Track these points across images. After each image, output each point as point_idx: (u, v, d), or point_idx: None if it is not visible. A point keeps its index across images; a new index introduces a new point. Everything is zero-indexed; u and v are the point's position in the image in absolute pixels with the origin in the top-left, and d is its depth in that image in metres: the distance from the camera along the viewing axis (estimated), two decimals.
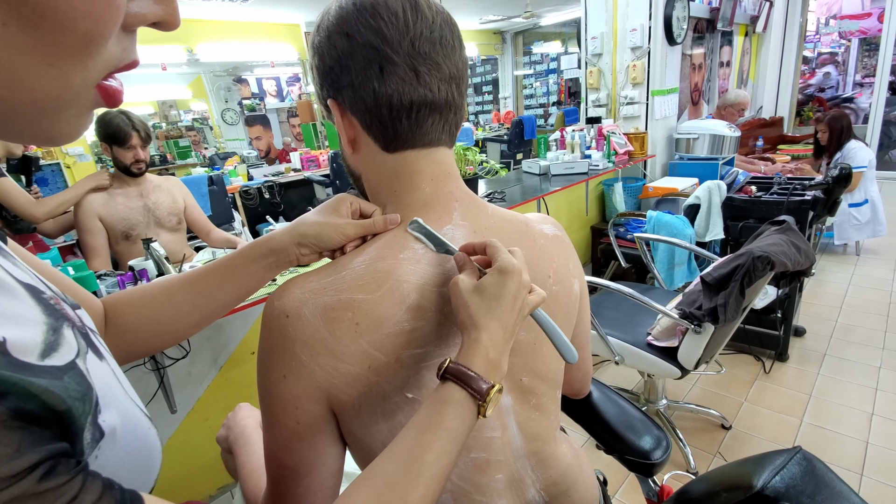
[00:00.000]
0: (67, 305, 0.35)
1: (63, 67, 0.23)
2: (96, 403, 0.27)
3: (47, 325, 0.28)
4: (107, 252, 1.85)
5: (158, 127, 6.41)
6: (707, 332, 1.39)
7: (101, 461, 0.27)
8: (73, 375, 0.26)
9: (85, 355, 0.30)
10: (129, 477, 0.29)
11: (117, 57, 0.26)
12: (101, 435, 0.27)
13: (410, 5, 0.48)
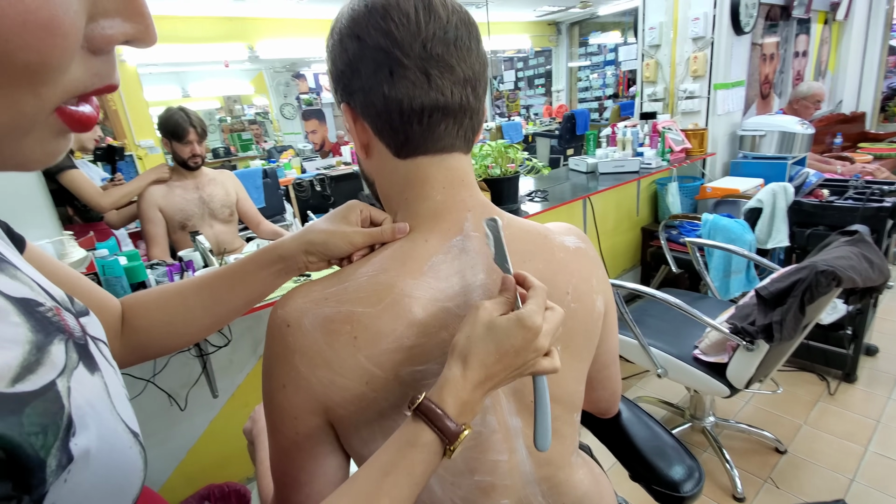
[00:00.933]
0: (71, 315, 0.36)
1: (10, 96, 0.22)
2: (68, 426, 0.27)
3: (31, 343, 0.28)
4: (165, 241, 1.96)
5: (224, 121, 6.78)
6: (760, 349, 1.28)
7: (71, 484, 0.27)
8: (39, 403, 0.26)
9: (72, 371, 0.30)
10: (101, 498, 0.29)
11: (84, 81, 0.25)
12: (69, 460, 0.27)
13: (423, 5, 0.46)
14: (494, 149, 1.80)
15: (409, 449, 0.40)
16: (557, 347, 0.53)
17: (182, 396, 1.41)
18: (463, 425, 0.41)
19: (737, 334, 1.31)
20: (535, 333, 0.42)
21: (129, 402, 0.37)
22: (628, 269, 2.93)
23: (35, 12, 0.21)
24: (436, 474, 0.51)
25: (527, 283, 0.46)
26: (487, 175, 1.81)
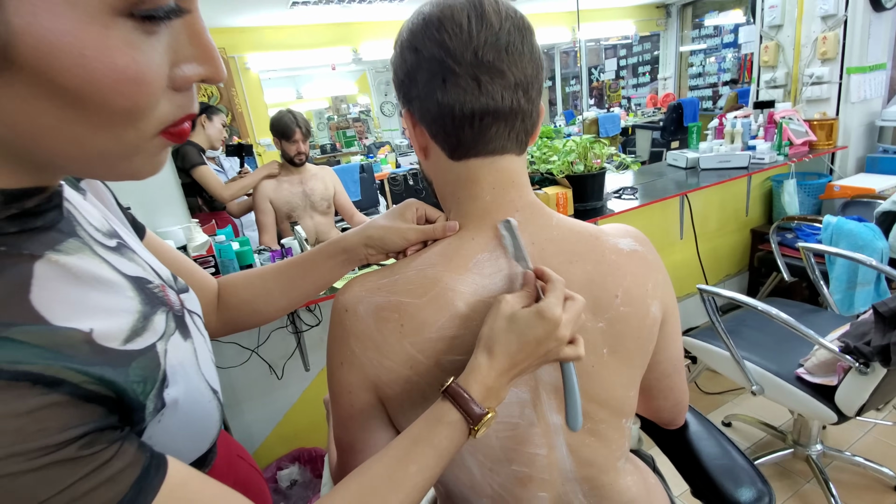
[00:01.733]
0: (173, 291, 0.45)
1: (114, 131, 0.29)
2: (163, 380, 0.35)
3: (140, 313, 0.36)
4: (274, 229, 2.21)
5: (331, 119, 7.31)
6: (876, 373, 1.12)
7: (163, 424, 0.35)
8: (143, 359, 0.34)
9: (169, 337, 0.38)
10: (185, 438, 0.37)
11: (171, 114, 0.31)
12: (162, 405, 0.35)
13: (476, 14, 0.48)
14: (579, 144, 1.75)
15: (437, 425, 0.44)
16: (596, 344, 0.53)
17: (280, 367, 1.59)
18: (487, 409, 0.44)
19: (849, 354, 1.16)
20: (555, 324, 0.44)
21: (213, 365, 0.45)
22: (732, 274, 2.67)
23: (124, 70, 0.27)
24: (475, 460, 0.55)
25: (545, 277, 0.48)
26: (570, 171, 1.77)
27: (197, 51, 0.31)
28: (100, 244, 0.38)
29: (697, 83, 7.28)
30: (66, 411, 0.27)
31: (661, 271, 0.60)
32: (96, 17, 0.25)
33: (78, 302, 0.32)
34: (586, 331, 0.53)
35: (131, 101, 0.27)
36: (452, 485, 0.57)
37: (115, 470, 0.28)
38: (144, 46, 0.27)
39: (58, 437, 0.26)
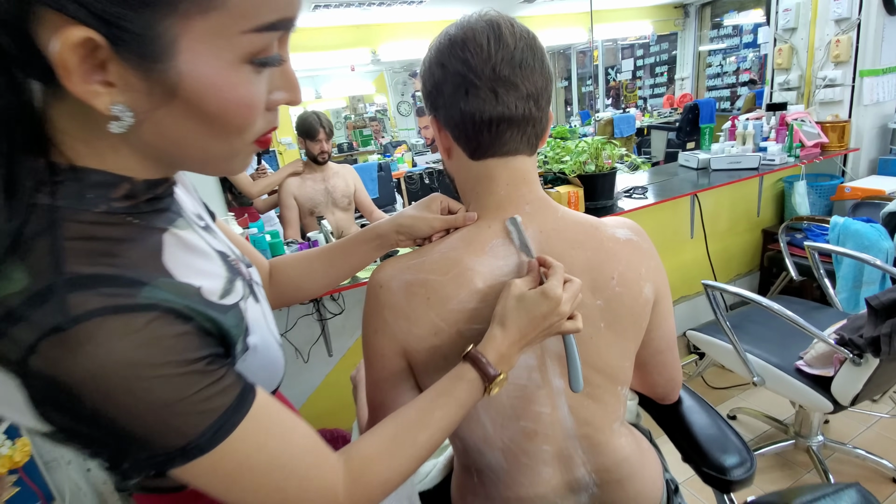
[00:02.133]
0: (243, 265, 0.55)
1: (228, 140, 0.38)
2: (246, 329, 0.45)
3: (226, 278, 0.46)
4: (298, 224, 2.33)
5: (349, 118, 7.45)
6: (869, 364, 1.18)
7: (247, 363, 0.45)
8: (234, 311, 0.44)
9: (247, 299, 0.48)
10: (261, 376, 0.47)
11: (264, 127, 0.41)
12: (246, 348, 0.45)
13: (495, 36, 0.57)
14: (590, 145, 1.83)
15: (458, 381, 0.53)
16: (596, 319, 0.62)
17: (305, 351, 1.71)
18: (500, 372, 0.53)
19: (844, 346, 1.22)
20: (556, 302, 0.53)
21: (274, 325, 0.55)
22: (743, 273, 2.72)
23: (244, 100, 0.36)
24: (489, 416, 0.64)
25: (547, 263, 0.57)
26: (582, 171, 1.85)
27: (285, 83, 0.41)
28: (196, 224, 0.48)
29: (715, 83, 7.25)
30: (197, 339, 0.37)
31: (654, 258, 0.68)
32: (231, 64, 0.35)
33: (190, 265, 0.42)
34: (586, 307, 0.62)
35: (245, 120, 0.38)
36: (469, 439, 0.66)
37: (226, 385, 0.38)
38: (256, 82, 0.37)
39: (193, 354, 0.36)
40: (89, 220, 0.36)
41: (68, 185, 0.36)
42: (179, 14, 0.32)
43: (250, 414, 0.39)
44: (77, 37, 0.30)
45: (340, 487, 0.45)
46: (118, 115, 0.33)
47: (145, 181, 0.41)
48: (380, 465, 0.48)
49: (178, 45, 0.32)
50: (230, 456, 0.38)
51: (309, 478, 0.43)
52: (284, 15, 0.36)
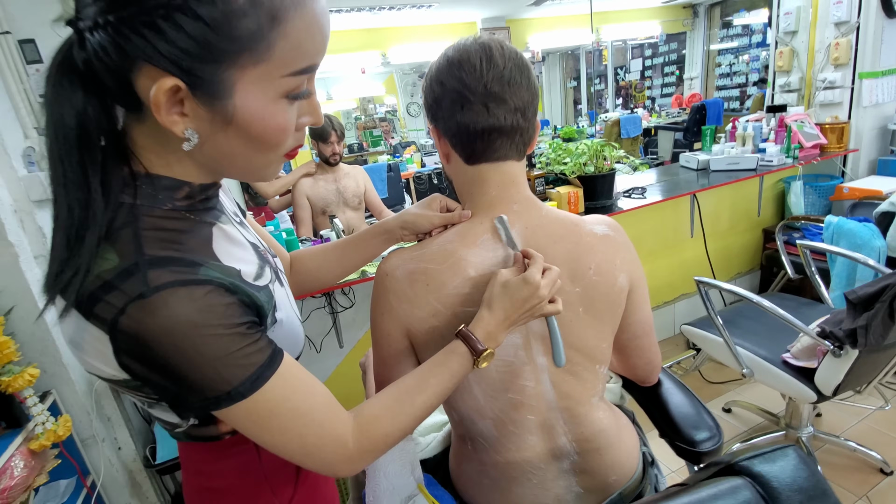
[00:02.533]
0: (270, 255, 0.64)
1: (266, 155, 0.48)
2: (274, 306, 0.55)
3: (258, 265, 0.56)
4: (310, 223, 2.43)
5: (359, 119, 7.56)
6: (849, 356, 1.25)
7: (275, 334, 0.55)
8: (265, 291, 0.53)
9: (274, 283, 0.58)
10: (286, 345, 0.57)
11: (293, 144, 0.51)
12: (274, 321, 0.55)
13: (486, 57, 0.66)
14: (590, 147, 1.91)
15: (451, 354, 0.62)
16: (576, 305, 0.71)
17: (318, 342, 1.81)
18: (487, 348, 0.62)
19: (825, 338, 1.29)
20: (536, 286, 0.61)
21: (296, 304, 0.65)
22: (744, 272, 2.77)
23: (280, 125, 0.46)
24: (480, 388, 0.73)
25: (529, 255, 0.65)
26: (582, 172, 1.93)
27: (310, 110, 0.51)
28: (234, 220, 0.58)
29: (725, 83, 7.24)
30: (240, 308, 0.47)
31: (629, 251, 0.77)
32: (273, 99, 0.45)
33: (231, 253, 0.51)
34: (565, 293, 0.70)
35: (280, 139, 0.48)
36: (463, 409, 0.75)
37: (261, 346, 0.48)
38: (290, 111, 0.47)
39: (238, 320, 0.46)
40: (159, 215, 0.47)
41: (144, 188, 0.47)
42: (238, 66, 0.42)
43: (279, 371, 0.49)
44: (168, 84, 0.40)
45: (350, 437, 0.54)
46: (189, 137, 0.44)
47: (200, 185, 0.51)
48: (383, 422, 0.57)
49: (235, 87, 0.43)
50: (262, 404, 0.47)
51: (324, 427, 0.52)
52: (313, 62, 0.46)
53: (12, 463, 1.08)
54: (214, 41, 0.40)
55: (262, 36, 0.41)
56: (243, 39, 0.41)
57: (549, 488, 0.77)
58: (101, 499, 1.40)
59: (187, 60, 0.40)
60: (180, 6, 0.38)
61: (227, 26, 0.40)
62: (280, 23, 0.42)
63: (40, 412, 1.15)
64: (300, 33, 0.43)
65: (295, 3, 0.42)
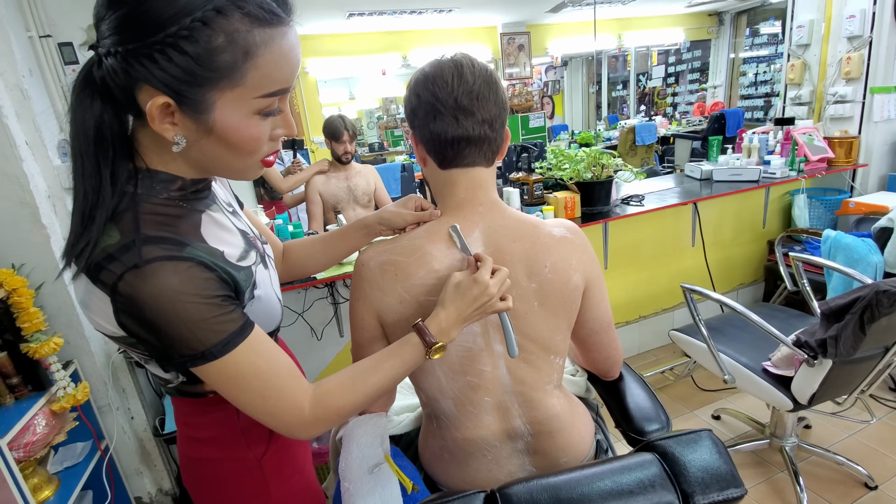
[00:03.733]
0: (259, 241, 0.74)
1: (243, 160, 0.57)
2: (254, 284, 0.64)
3: (243, 248, 0.65)
4: (321, 218, 2.54)
5: (381, 118, 7.70)
6: (823, 366, 1.28)
7: (253, 308, 0.64)
8: (246, 270, 0.62)
9: (258, 265, 0.67)
10: (263, 319, 0.66)
11: (268, 151, 0.60)
12: (253, 297, 0.64)
13: (457, 73, 0.74)
14: (589, 155, 1.96)
15: (405, 344, 0.70)
16: (523, 299, 0.78)
17: (319, 331, 1.91)
18: (439, 341, 0.69)
19: (800, 348, 1.32)
20: (484, 285, 0.69)
21: (279, 286, 0.74)
22: (747, 283, 2.77)
23: (253, 136, 0.55)
24: (442, 371, 0.80)
25: (480, 258, 0.73)
26: (580, 178, 1.98)
27: (284, 123, 0.60)
28: (226, 209, 0.68)
29: (750, 92, 7.13)
30: (218, 283, 0.56)
31: (586, 252, 0.83)
32: (246, 115, 0.54)
33: (218, 236, 0.61)
34: (522, 288, 0.78)
35: (253, 148, 0.57)
36: (428, 390, 0.83)
37: (233, 317, 0.57)
38: (262, 125, 0.56)
39: (214, 292, 0.55)
40: (156, 202, 0.57)
41: (144, 180, 0.57)
42: (217, 89, 0.51)
43: (248, 340, 0.58)
44: (160, 101, 0.50)
45: (307, 405, 0.62)
46: (178, 142, 0.53)
47: (191, 180, 0.61)
48: (336, 395, 0.65)
49: (215, 105, 0.52)
50: (231, 366, 0.56)
51: (284, 392, 0.60)
52: (282, 87, 0.55)
53: (35, 421, 1.21)
54: (198, 71, 0.49)
55: (237, 67, 0.50)
56: (221, 69, 0.50)
57: (502, 465, 0.84)
58: (113, 462, 1.52)
59: (176, 84, 0.49)
60: (171, 44, 0.47)
61: (208, 60, 0.49)
62: (252, 57, 0.51)
63: (62, 378, 1.28)
64: (269, 65, 0.52)
65: (265, 41, 0.51)
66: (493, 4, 4.76)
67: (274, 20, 0.51)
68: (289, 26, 0.54)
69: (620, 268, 2.36)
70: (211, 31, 0.48)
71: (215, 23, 0.48)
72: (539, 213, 1.95)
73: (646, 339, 2.57)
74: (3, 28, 1.29)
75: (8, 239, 1.30)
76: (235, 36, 0.49)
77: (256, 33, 0.50)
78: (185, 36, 0.47)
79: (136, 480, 1.64)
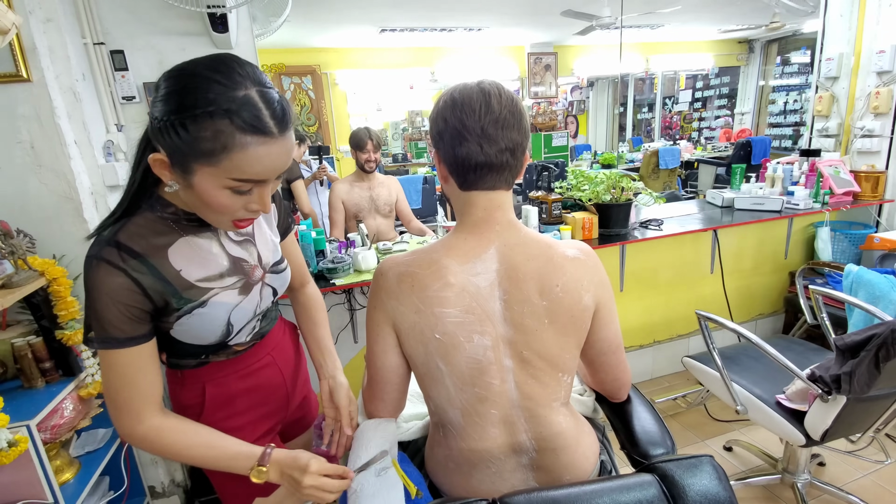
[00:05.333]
0: (261, 270, 0.85)
1: (215, 214, 0.72)
2: (201, 303, 0.78)
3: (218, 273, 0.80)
4: (343, 225, 2.61)
5: (406, 130, 7.84)
6: (837, 401, 1.26)
7: (189, 321, 0.78)
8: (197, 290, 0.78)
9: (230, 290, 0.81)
10: (197, 331, 0.80)
11: (242, 217, 0.73)
12: (190, 312, 0.77)
13: (485, 102, 0.77)
14: (609, 177, 1.99)
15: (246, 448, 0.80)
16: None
17: (335, 336, 1.95)
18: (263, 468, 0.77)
19: (814, 382, 1.31)
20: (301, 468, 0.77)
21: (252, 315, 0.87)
22: (766, 314, 2.73)
23: (221, 203, 0.69)
24: (451, 381, 0.83)
25: None
26: (599, 200, 2.00)
27: (258, 200, 0.72)
28: (228, 237, 0.82)
29: (779, 121, 7.05)
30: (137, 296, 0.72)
31: (597, 274, 0.86)
32: (218, 187, 0.67)
33: (186, 257, 0.77)
34: (533, 305, 0.80)
35: (221, 210, 0.70)
36: (437, 399, 0.86)
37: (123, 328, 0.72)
38: (232, 198, 0.69)
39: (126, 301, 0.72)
40: (149, 217, 0.76)
41: (152, 201, 0.76)
42: (198, 162, 0.65)
43: (126, 350, 0.73)
44: (159, 157, 0.68)
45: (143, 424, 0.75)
46: (171, 185, 0.70)
47: (184, 211, 0.77)
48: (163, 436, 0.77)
49: (195, 172, 0.66)
50: (105, 359, 0.73)
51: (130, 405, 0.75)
52: (251, 178, 0.68)
53: (63, 405, 1.27)
54: (186, 148, 0.65)
55: (214, 154, 0.64)
56: (202, 152, 0.64)
57: (506, 479, 0.86)
58: (131, 450, 1.58)
59: (171, 150, 0.66)
60: (177, 124, 0.64)
61: (194, 143, 0.64)
62: (228, 151, 0.64)
63: (91, 365, 1.34)
64: (241, 161, 0.65)
65: (243, 145, 0.64)
66: (522, 25, 4.85)
67: (257, 133, 0.65)
68: (273, 138, 0.66)
69: (636, 291, 2.36)
70: (200, 126, 0.63)
71: (205, 121, 0.63)
72: (556, 232, 1.97)
73: (659, 364, 2.54)
74: (61, 34, 1.39)
75: (52, 231, 1.38)
76: (219, 134, 0.64)
77: (238, 137, 0.64)
78: (182, 124, 0.63)
79: (151, 470, 1.70)
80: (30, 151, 1.35)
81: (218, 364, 0.91)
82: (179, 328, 0.78)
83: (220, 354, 0.90)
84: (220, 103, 0.63)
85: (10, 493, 1.13)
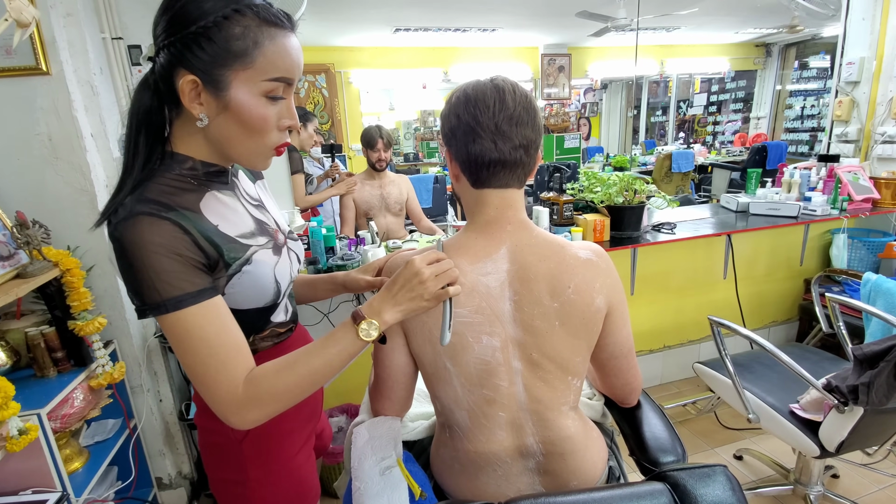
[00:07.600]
0: (283, 235, 0.83)
1: (254, 139, 0.68)
2: (247, 260, 0.72)
3: (250, 231, 0.75)
4: (353, 223, 2.61)
5: (418, 130, 7.84)
6: (854, 413, 1.23)
7: (241, 280, 0.72)
8: (241, 247, 0.72)
9: (265, 249, 0.76)
10: (250, 293, 0.74)
11: (277, 140, 0.70)
12: (240, 271, 0.72)
13: (499, 98, 0.76)
14: (621, 179, 1.96)
15: (341, 327, 0.71)
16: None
17: None
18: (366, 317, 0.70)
19: (831, 392, 1.28)
20: (416, 270, 0.71)
21: (289, 274, 0.82)
22: (780, 321, 2.68)
23: (262, 115, 0.67)
24: (459, 382, 0.82)
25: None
26: (611, 202, 1.98)
27: (288, 113, 0.70)
28: (246, 198, 0.80)
29: (795, 126, 6.94)
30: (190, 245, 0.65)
31: (610, 276, 0.84)
32: (255, 95, 0.66)
33: (219, 213, 0.72)
34: (544, 307, 0.79)
35: (262, 127, 0.68)
36: (444, 399, 0.85)
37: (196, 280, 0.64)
38: (269, 107, 0.67)
39: (183, 251, 0.64)
40: (169, 177, 0.69)
41: (167, 160, 0.70)
42: (232, 70, 0.64)
43: (203, 304, 0.64)
44: (190, 78, 0.64)
45: (241, 381, 0.65)
46: (201, 118, 0.66)
47: (202, 162, 0.72)
48: (270, 377, 0.66)
49: (231, 84, 0.64)
50: (181, 323, 0.63)
51: (226, 364, 0.64)
52: (284, 75, 0.66)
53: (74, 394, 1.29)
54: (220, 53, 0.63)
55: (248, 52, 0.64)
56: (236, 53, 0.63)
57: (512, 482, 0.85)
58: (139, 441, 1.59)
59: (202, 65, 0.63)
60: (202, 33, 0.62)
61: (227, 45, 0.63)
62: (259, 46, 0.64)
63: (102, 356, 1.36)
64: (273, 54, 0.65)
65: (270, 37, 0.64)
66: (537, 26, 4.82)
67: (278, 24, 0.65)
68: (291, 31, 0.67)
69: (647, 295, 2.33)
70: (230, 24, 0.62)
71: (234, 18, 0.63)
72: (567, 233, 1.95)
73: (669, 369, 2.51)
74: (80, 28, 1.40)
75: (66, 222, 1.40)
76: (247, 29, 0.63)
77: (264, 29, 0.64)
78: (211, 27, 0.62)
79: (159, 461, 1.71)
80: (47, 143, 1.37)
81: (265, 353, 0.84)
82: (231, 290, 0.71)
83: (266, 339, 0.85)
84: (238, 0, 0.63)
85: (19, 480, 1.14)
